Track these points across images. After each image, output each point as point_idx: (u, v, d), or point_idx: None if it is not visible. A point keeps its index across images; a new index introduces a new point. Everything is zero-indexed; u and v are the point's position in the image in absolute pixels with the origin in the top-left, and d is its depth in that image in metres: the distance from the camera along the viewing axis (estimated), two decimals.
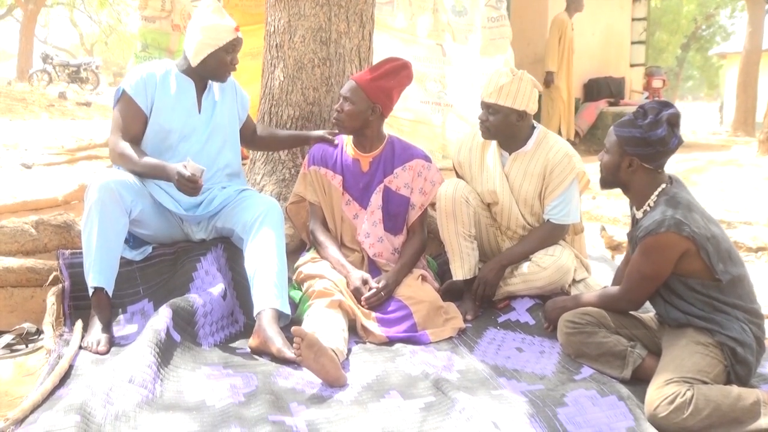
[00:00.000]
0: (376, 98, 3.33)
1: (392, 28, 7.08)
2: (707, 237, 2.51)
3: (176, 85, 3.31)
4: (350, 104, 3.31)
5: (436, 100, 7.15)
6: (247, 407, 2.40)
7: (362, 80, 3.33)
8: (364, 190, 3.45)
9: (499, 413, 2.34)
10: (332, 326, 2.92)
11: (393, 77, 3.36)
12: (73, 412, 2.15)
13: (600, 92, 11.32)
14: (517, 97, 3.24)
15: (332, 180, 3.46)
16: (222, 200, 3.27)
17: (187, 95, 3.33)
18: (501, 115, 3.25)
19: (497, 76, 3.28)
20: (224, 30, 3.25)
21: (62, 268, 3.18)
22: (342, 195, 3.45)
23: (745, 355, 2.47)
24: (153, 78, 3.27)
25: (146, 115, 3.24)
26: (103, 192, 2.96)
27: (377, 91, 3.32)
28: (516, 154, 3.37)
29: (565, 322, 2.82)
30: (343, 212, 3.46)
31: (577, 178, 3.33)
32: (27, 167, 6.31)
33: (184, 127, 3.29)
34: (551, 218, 3.36)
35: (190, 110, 3.32)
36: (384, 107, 3.38)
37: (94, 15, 32.79)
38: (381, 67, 3.36)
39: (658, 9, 27.69)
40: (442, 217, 3.37)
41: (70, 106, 14.54)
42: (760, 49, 17.07)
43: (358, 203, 3.45)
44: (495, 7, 7.42)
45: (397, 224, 3.46)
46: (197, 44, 3.25)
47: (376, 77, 3.33)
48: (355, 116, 3.33)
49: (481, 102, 3.32)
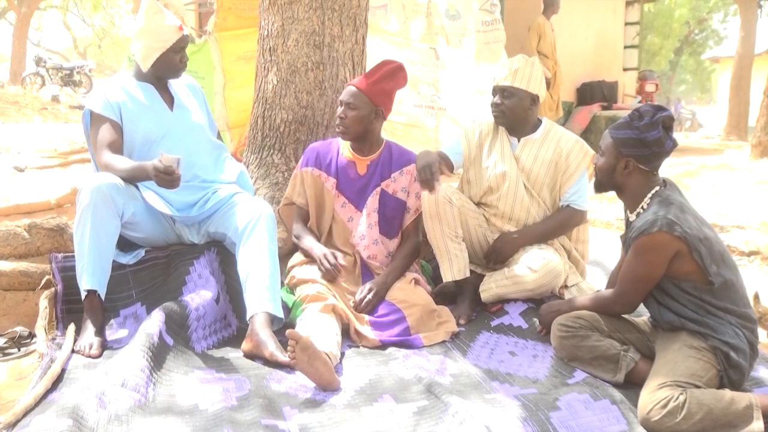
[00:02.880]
0: (379, 101, 3.37)
1: (385, 32, 7.08)
2: (699, 238, 2.51)
3: (139, 92, 3.33)
4: (354, 110, 3.33)
5: (430, 103, 7.16)
6: (240, 411, 2.40)
7: (363, 85, 3.35)
8: (360, 193, 3.45)
9: (491, 417, 2.34)
10: (325, 330, 2.92)
11: (391, 79, 3.40)
12: (65, 416, 2.14)
13: (593, 96, 11.33)
14: (531, 81, 3.38)
15: (326, 182, 3.46)
16: (215, 203, 3.27)
17: (152, 98, 3.35)
18: (516, 98, 3.38)
19: (510, 61, 3.44)
20: (169, 31, 3.27)
21: (55, 271, 3.17)
22: (337, 197, 3.46)
23: (738, 360, 2.47)
24: (114, 91, 3.29)
25: (120, 125, 3.24)
26: (95, 195, 2.95)
27: (379, 94, 3.36)
28: (525, 139, 3.47)
29: (558, 325, 2.82)
30: (338, 214, 3.46)
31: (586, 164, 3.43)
32: (20, 170, 6.30)
33: (160, 127, 3.30)
34: (571, 203, 3.44)
35: (160, 111, 3.34)
36: (386, 109, 3.43)
37: (87, 18, 32.80)
38: (379, 70, 3.39)
39: (651, 13, 27.81)
40: (427, 220, 3.37)
41: (63, 110, 14.51)
42: (752, 53, 17.14)
43: (354, 206, 3.45)
44: (489, 11, 7.43)
45: (393, 228, 3.47)
46: (144, 49, 3.29)
47: (377, 80, 3.36)
48: (359, 121, 3.35)
49: (495, 87, 3.43)
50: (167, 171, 2.90)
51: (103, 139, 3.19)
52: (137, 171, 3.05)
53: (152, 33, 3.27)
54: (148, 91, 3.35)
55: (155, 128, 3.29)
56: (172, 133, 3.32)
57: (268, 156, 4.02)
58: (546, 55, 9.40)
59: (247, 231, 3.14)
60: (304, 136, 3.98)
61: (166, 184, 2.95)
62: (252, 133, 4.17)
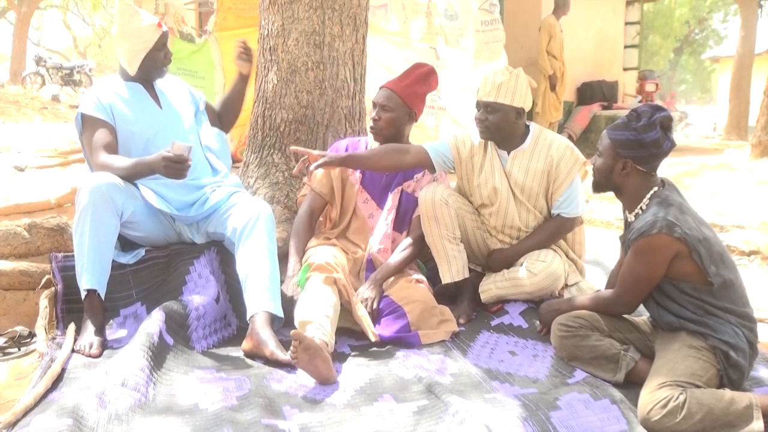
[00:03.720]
0: (412, 104, 3.42)
1: (386, 32, 7.09)
2: (699, 239, 2.51)
3: (127, 92, 3.34)
4: (388, 112, 3.38)
5: (430, 103, 7.14)
6: (240, 411, 2.40)
7: (398, 87, 3.40)
8: (383, 191, 3.50)
9: (492, 417, 2.34)
10: (324, 306, 2.93)
11: (424, 82, 3.46)
12: (65, 416, 2.15)
13: (593, 96, 11.34)
14: (515, 95, 3.26)
15: (351, 176, 3.50)
16: (213, 203, 3.27)
17: (141, 97, 3.36)
18: (501, 113, 3.26)
19: (494, 75, 3.29)
20: (148, 31, 3.28)
21: (55, 271, 3.17)
22: (360, 192, 3.50)
23: (737, 359, 2.47)
24: (104, 93, 3.30)
25: (113, 125, 3.25)
26: (94, 194, 2.95)
27: (413, 96, 3.41)
28: (515, 152, 3.37)
29: (559, 325, 2.82)
30: (360, 210, 3.50)
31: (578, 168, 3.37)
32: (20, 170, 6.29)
33: (152, 124, 3.32)
34: (561, 212, 3.37)
35: (150, 108, 3.36)
36: (418, 112, 3.48)
37: (87, 18, 32.79)
38: (412, 73, 3.44)
39: (651, 13, 27.79)
40: (425, 221, 3.36)
41: (63, 109, 14.49)
42: (752, 53, 17.15)
43: (376, 203, 3.50)
44: (489, 11, 7.44)
45: (405, 223, 3.50)
46: (128, 53, 3.30)
47: (411, 83, 3.40)
48: (393, 123, 3.40)
49: (478, 102, 3.31)
50: (179, 159, 2.91)
51: (97, 140, 3.19)
52: (139, 167, 3.06)
53: (132, 36, 3.27)
54: (136, 91, 3.37)
55: (147, 126, 3.30)
56: (164, 129, 3.34)
57: (268, 155, 4.02)
58: (555, 55, 9.41)
59: (246, 231, 3.14)
60: (304, 135, 3.98)
61: (175, 173, 2.94)
62: (252, 133, 4.17)
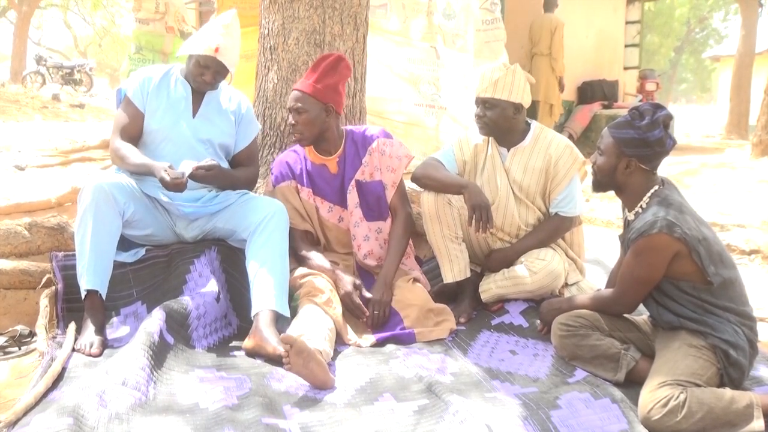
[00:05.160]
0: (327, 98, 3.27)
1: (386, 31, 7.09)
2: (698, 239, 2.51)
3: (173, 89, 3.33)
4: (303, 113, 3.24)
5: (430, 102, 7.17)
6: (241, 410, 2.40)
7: (305, 86, 3.26)
8: (340, 192, 3.41)
9: (492, 416, 2.34)
10: (319, 326, 2.91)
11: (334, 72, 3.28)
12: (65, 415, 2.15)
13: (594, 95, 11.35)
14: (512, 90, 3.27)
15: (301, 192, 3.41)
16: (223, 199, 3.27)
17: (180, 99, 3.33)
18: (498, 109, 3.27)
19: (490, 72, 3.30)
20: (206, 41, 3.24)
21: (55, 270, 3.17)
22: (321, 203, 3.41)
23: (737, 358, 2.47)
24: (150, 81, 3.31)
25: (143, 113, 3.27)
26: (97, 194, 2.95)
27: (325, 90, 3.26)
28: (515, 149, 3.38)
29: (559, 324, 2.82)
30: (326, 220, 3.42)
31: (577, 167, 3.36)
32: (20, 169, 6.28)
33: (171, 130, 3.28)
34: (559, 211, 3.38)
35: (181, 114, 3.31)
36: (336, 105, 3.32)
37: (87, 17, 32.77)
38: (318, 66, 3.29)
39: (652, 12, 27.78)
40: (427, 221, 3.36)
41: (64, 108, 14.47)
42: (753, 52, 17.16)
43: (339, 206, 3.42)
44: (489, 9, 7.45)
45: (380, 210, 3.42)
46: (188, 40, 3.33)
47: (319, 77, 3.25)
48: (311, 123, 3.26)
49: (477, 98, 3.33)
50: (173, 183, 2.96)
51: (119, 122, 3.27)
52: (145, 169, 3.09)
53: (199, 33, 3.35)
54: (180, 91, 3.34)
55: (163, 128, 3.27)
56: (177, 139, 3.28)
57: (268, 155, 4.02)
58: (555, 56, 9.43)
59: (260, 227, 3.13)
60: None
61: (171, 189, 3.00)
62: None
